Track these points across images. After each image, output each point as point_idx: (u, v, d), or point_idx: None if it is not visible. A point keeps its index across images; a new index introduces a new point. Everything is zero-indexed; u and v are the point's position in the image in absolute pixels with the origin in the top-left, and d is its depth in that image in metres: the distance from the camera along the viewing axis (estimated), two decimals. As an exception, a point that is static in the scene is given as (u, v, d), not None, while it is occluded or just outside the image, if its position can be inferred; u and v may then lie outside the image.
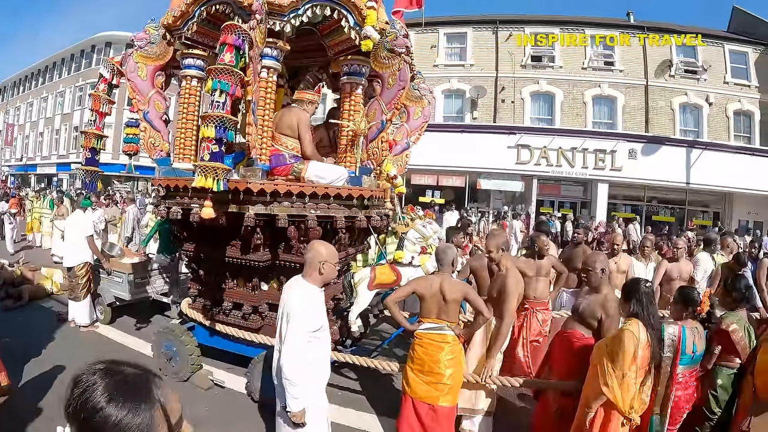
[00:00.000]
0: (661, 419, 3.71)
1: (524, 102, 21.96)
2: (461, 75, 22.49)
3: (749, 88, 22.78)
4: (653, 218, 21.76)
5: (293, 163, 5.04)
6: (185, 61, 5.25)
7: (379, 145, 5.44)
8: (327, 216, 4.90)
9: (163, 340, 5.46)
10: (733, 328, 3.93)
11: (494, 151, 20.53)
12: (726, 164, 20.65)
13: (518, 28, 22.60)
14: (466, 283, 4.46)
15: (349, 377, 5.67)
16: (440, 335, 4.03)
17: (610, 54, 22.36)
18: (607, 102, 22.11)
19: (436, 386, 3.97)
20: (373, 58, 5.04)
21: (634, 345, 3.27)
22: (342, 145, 5.57)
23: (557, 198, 22.18)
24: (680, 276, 6.77)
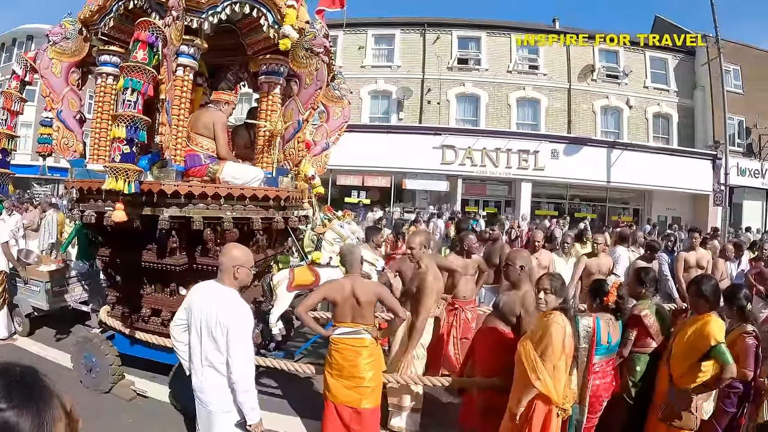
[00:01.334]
0: (580, 408, 3.81)
1: (450, 103, 22.54)
2: (388, 76, 22.88)
3: (668, 92, 24.26)
4: (575, 215, 22.36)
5: (209, 164, 5.00)
6: (101, 57, 5.12)
7: (296, 146, 5.45)
8: (244, 218, 4.86)
9: (82, 350, 5.29)
10: (645, 313, 4.14)
11: (420, 152, 20.94)
12: (645, 164, 21.94)
13: (446, 31, 23.25)
14: (379, 284, 4.47)
15: (274, 381, 5.65)
16: (357, 339, 4.03)
17: (534, 58, 23.29)
18: (531, 104, 23.01)
19: (358, 390, 3.98)
20: (292, 58, 5.03)
21: (563, 336, 3.38)
22: (259, 145, 5.58)
23: (482, 197, 22.77)
24: (600, 271, 7.03)
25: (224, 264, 3.16)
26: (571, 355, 3.50)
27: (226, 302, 3.06)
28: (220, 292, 3.13)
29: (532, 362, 3.41)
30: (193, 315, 3.15)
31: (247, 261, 3.20)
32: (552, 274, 3.95)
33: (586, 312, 4.11)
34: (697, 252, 7.84)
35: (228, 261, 3.15)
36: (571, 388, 3.56)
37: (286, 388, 5.52)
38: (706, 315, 3.71)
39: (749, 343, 3.80)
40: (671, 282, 7.76)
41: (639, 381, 4.15)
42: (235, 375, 2.96)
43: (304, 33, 4.88)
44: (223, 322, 2.97)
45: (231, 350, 2.96)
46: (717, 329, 3.57)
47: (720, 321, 3.69)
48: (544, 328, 3.44)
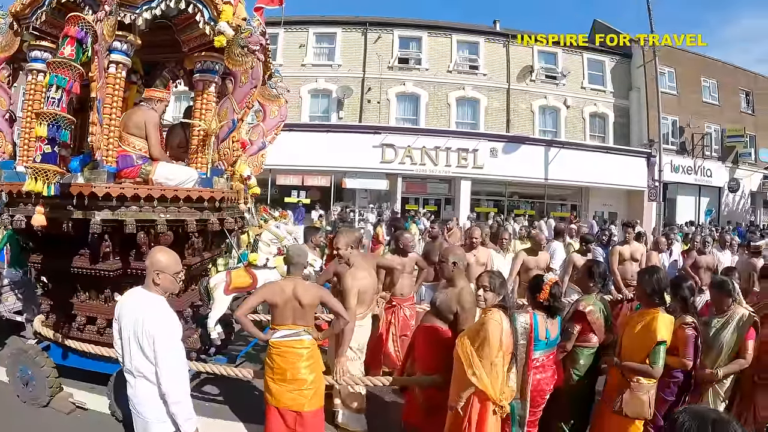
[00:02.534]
0: (522, 404, 3.91)
1: (390, 102, 23.02)
2: (329, 75, 23.08)
3: (605, 93, 25.44)
4: (515, 212, 23.37)
5: (141, 165, 4.89)
6: (32, 53, 4.96)
7: (231, 145, 5.45)
8: (178, 220, 4.78)
9: (17, 363, 5.08)
10: (589, 309, 4.25)
11: (360, 151, 21.28)
12: (582, 161, 22.93)
13: (387, 31, 23.65)
14: (321, 287, 4.50)
15: (215, 387, 5.60)
16: (298, 341, 4.05)
17: (475, 58, 24.01)
18: (471, 103, 23.76)
19: (301, 393, 4.00)
20: (227, 55, 4.97)
21: (500, 333, 3.48)
22: (193, 145, 5.46)
23: (422, 195, 23.35)
24: (537, 266, 7.23)
25: (148, 269, 3.09)
26: (509, 353, 3.60)
27: (151, 310, 2.98)
28: (146, 299, 3.05)
29: (469, 358, 3.50)
30: (122, 324, 3.06)
31: (169, 266, 3.08)
32: (492, 272, 4.02)
33: (524, 308, 4.25)
34: (631, 245, 8.13)
35: (150, 266, 3.07)
36: (509, 386, 3.65)
37: (227, 394, 5.48)
38: (654, 310, 3.94)
39: (689, 333, 3.99)
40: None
41: (583, 374, 4.27)
42: (165, 386, 2.89)
43: (240, 30, 4.83)
44: (149, 332, 2.89)
45: (158, 360, 2.88)
46: (663, 326, 3.81)
47: (667, 317, 3.91)
48: (482, 324, 3.54)
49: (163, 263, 3.06)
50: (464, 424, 3.57)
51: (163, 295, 3.09)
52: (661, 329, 3.81)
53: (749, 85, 29.68)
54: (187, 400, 2.98)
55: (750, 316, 4.21)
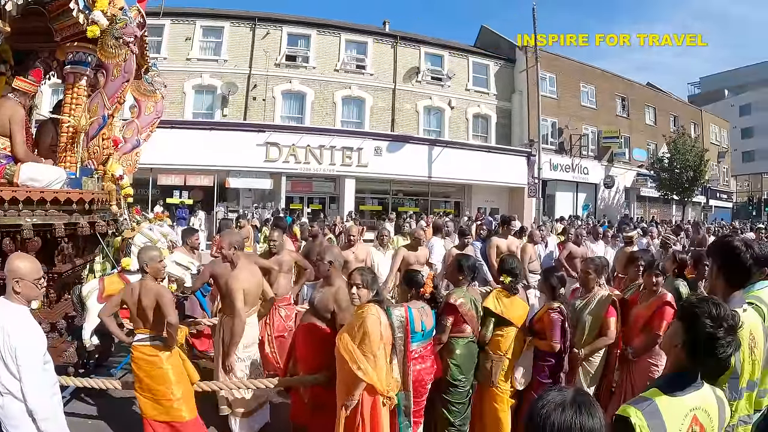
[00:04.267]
0: (405, 394, 4.06)
1: (276, 100, 23.39)
2: (214, 70, 23.01)
3: (488, 95, 27.42)
4: (399, 209, 24.35)
5: (5, 165, 4.65)
6: None
7: (101, 143, 5.29)
8: (45, 224, 4.58)
9: None
10: (460, 302, 4.42)
11: (243, 149, 21.25)
12: (465, 160, 24.43)
13: (276, 27, 23.86)
14: (162, 287, 4.30)
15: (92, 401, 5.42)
16: (152, 347, 4.02)
17: (362, 58, 24.95)
18: (357, 102, 24.68)
19: (170, 403, 3.99)
20: (100, 47, 4.81)
21: (379, 326, 3.62)
22: (62, 143, 5.21)
23: (307, 194, 23.71)
24: (417, 261, 7.42)
25: (7, 278, 2.97)
26: (389, 344, 3.76)
27: (12, 322, 2.86)
28: (6, 310, 2.92)
29: (351, 353, 3.58)
30: None
31: (29, 272, 2.96)
32: (362, 269, 4.06)
33: (398, 302, 4.46)
34: (507, 239, 8.57)
35: (8, 274, 2.95)
36: (393, 377, 3.81)
37: (105, 409, 5.27)
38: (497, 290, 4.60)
39: (554, 318, 4.33)
40: (485, 267, 8.32)
41: (462, 362, 4.46)
42: (31, 403, 2.80)
43: (115, 20, 4.69)
44: (11, 345, 2.78)
45: (22, 375, 2.78)
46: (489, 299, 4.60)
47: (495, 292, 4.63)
48: (360, 320, 3.65)
49: (21, 270, 2.95)
50: (357, 419, 3.66)
51: (25, 304, 3.00)
52: (487, 302, 4.54)
53: (625, 91, 32.89)
54: (57, 417, 2.93)
55: (608, 296, 4.62)
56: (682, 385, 2.00)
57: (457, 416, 4.46)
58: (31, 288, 2.98)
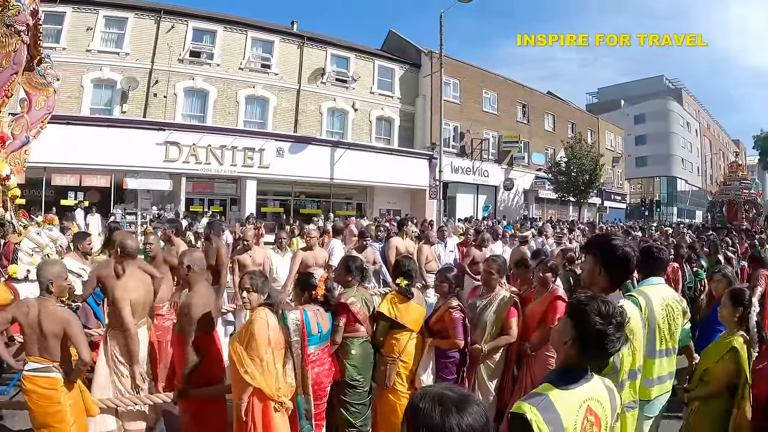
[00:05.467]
0: (305, 398, 4.14)
1: (177, 97, 23.18)
2: (115, 64, 22.21)
3: (392, 98, 28.86)
4: (301, 211, 25.12)
5: None
6: None
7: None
8: None
9: None
10: (351, 301, 4.55)
11: (142, 149, 20.59)
12: (368, 162, 25.61)
13: (182, 21, 23.47)
14: (69, 313, 4.00)
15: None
16: (47, 379, 3.63)
17: (268, 57, 25.38)
18: (260, 102, 25.18)
19: None
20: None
21: (266, 330, 3.69)
22: None
23: (208, 196, 23.60)
24: (316, 263, 7.55)
25: None
26: (279, 348, 3.81)
27: None
28: None
29: (239, 357, 3.62)
30: None
31: None
32: (252, 273, 4.10)
33: (294, 306, 4.47)
34: (405, 240, 9.02)
35: None
36: (287, 382, 3.87)
37: None
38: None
39: (456, 316, 4.52)
40: (384, 268, 8.64)
41: (359, 363, 4.55)
42: None
43: (7, 6, 4.54)
44: None
45: None
46: (384, 303, 4.76)
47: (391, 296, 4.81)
48: (249, 323, 3.72)
49: None
50: (249, 425, 3.68)
51: None
52: (381, 306, 4.71)
53: (526, 98, 35.53)
54: None
55: (510, 297, 4.82)
56: (573, 379, 2.10)
57: (357, 417, 4.55)
58: None
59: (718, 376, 3.77)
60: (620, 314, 2.15)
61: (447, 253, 9.93)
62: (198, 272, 4.27)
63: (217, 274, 6.86)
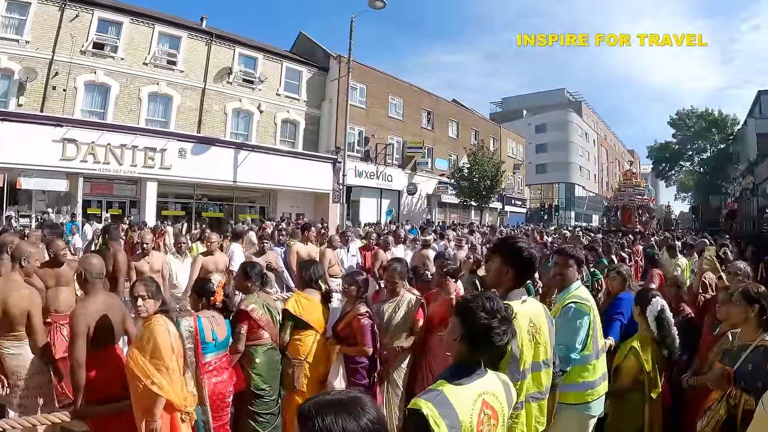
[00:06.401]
0: (202, 408, 4.06)
1: (77, 91, 22.29)
2: (14, 52, 20.92)
3: (298, 101, 29.79)
4: (203, 214, 25.25)
5: None
6: None
7: None
8: None
9: None
10: (251, 307, 4.58)
11: (38, 145, 19.70)
12: (272, 165, 26.30)
13: (87, 10, 22.44)
14: None
15: None
16: None
17: (174, 53, 25.18)
18: (164, 100, 24.97)
19: None
20: None
21: (168, 337, 3.64)
22: None
23: (107, 197, 22.96)
24: (217, 268, 7.72)
25: None
26: (181, 356, 3.77)
27: None
28: None
29: (143, 368, 3.49)
30: None
31: None
32: (145, 280, 4.12)
33: (186, 312, 4.49)
34: (307, 245, 9.26)
35: None
36: (189, 391, 3.83)
37: None
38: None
39: (365, 323, 4.63)
40: (287, 273, 8.80)
41: (263, 371, 4.58)
42: None
43: None
44: None
45: None
46: (289, 301, 4.92)
47: (295, 296, 5.02)
48: (149, 331, 3.60)
49: None
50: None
51: None
52: (287, 303, 4.87)
53: (431, 106, 37.56)
54: None
55: (417, 299, 5.12)
56: (466, 374, 2.23)
57: (266, 427, 4.56)
58: None
59: (627, 372, 4.17)
60: (505, 309, 2.31)
61: (350, 257, 10.22)
62: (92, 280, 4.11)
63: (114, 281, 6.71)
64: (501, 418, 2.26)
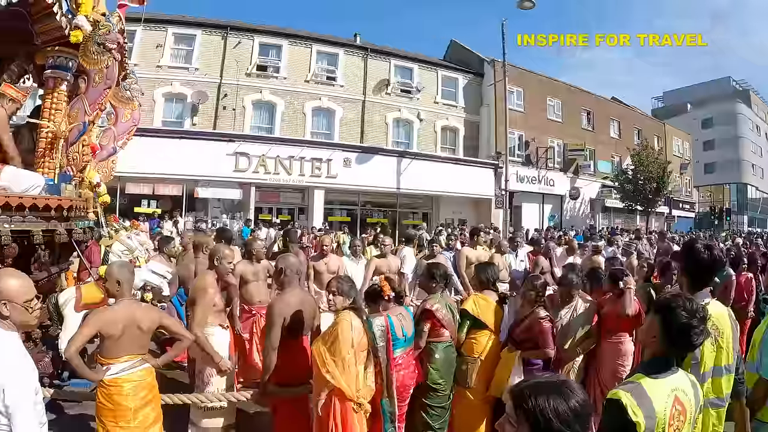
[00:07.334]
0: (389, 401, 4.17)
1: (246, 110, 23.64)
2: (185, 78, 23.01)
3: (456, 108, 28.34)
4: (367, 220, 25.30)
5: None
6: None
7: (81, 150, 5.30)
8: (23, 230, 4.47)
9: None
10: (436, 307, 4.64)
11: (213, 159, 21.27)
12: (433, 172, 25.21)
13: (248, 37, 24.09)
14: (158, 309, 4.33)
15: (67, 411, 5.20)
16: (142, 372, 3.78)
17: (333, 69, 25.48)
18: (326, 114, 25.19)
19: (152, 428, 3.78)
20: (82, 52, 4.79)
21: (350, 331, 3.77)
22: (40, 148, 5.14)
23: (276, 205, 24.08)
24: (390, 270, 7.63)
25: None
26: (361, 350, 3.86)
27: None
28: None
29: (322, 357, 3.71)
30: None
31: (20, 294, 2.55)
32: (340, 278, 4.24)
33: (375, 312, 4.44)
34: (476, 249, 8.98)
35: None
36: (367, 384, 3.91)
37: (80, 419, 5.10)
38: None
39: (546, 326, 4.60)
40: (455, 276, 8.43)
41: (441, 366, 4.63)
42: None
43: (98, 26, 4.67)
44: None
45: (12, 418, 2.37)
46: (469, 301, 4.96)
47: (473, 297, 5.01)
48: (335, 325, 3.81)
49: (10, 290, 2.54)
50: (330, 423, 3.76)
51: (14, 330, 2.57)
52: (466, 303, 4.92)
53: (590, 105, 34.18)
54: None
55: (592, 303, 5.16)
56: (662, 369, 2.28)
57: (436, 420, 4.67)
58: (22, 312, 2.55)
59: None
60: (702, 309, 2.34)
61: (518, 263, 9.86)
62: (290, 276, 4.34)
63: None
64: (689, 416, 2.27)
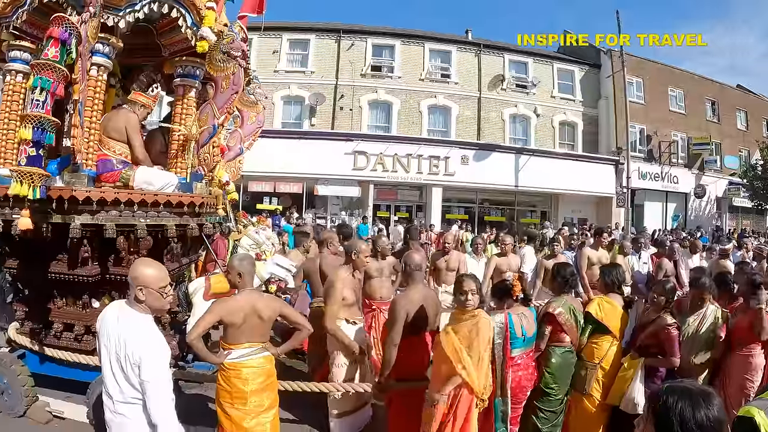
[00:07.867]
0: (503, 400, 4.16)
1: (362, 110, 23.73)
2: (301, 82, 23.63)
3: (573, 102, 26.63)
4: (485, 218, 24.50)
5: (122, 170, 4.89)
6: (11, 53, 4.89)
7: (211, 151, 5.58)
8: (157, 225, 4.80)
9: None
10: (558, 311, 4.51)
11: (332, 158, 21.76)
12: (551, 169, 23.90)
13: (361, 39, 24.30)
14: (278, 299, 4.39)
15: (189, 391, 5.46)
16: (257, 359, 3.84)
17: (447, 67, 24.86)
18: (442, 111, 24.62)
19: (266, 415, 3.83)
20: (208, 61, 5.03)
21: (489, 330, 3.76)
22: (173, 150, 5.49)
23: (393, 202, 23.99)
24: (509, 269, 7.62)
25: (130, 284, 2.84)
26: (490, 348, 3.84)
27: (136, 333, 2.73)
28: (130, 318, 2.80)
29: (457, 353, 3.62)
30: (101, 341, 2.84)
31: (155, 281, 2.82)
32: (474, 276, 4.07)
33: (498, 309, 4.48)
34: (598, 250, 8.58)
35: (133, 281, 2.81)
36: (488, 382, 3.87)
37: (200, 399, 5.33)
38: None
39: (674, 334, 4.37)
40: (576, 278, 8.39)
41: (556, 371, 4.53)
42: (155, 417, 2.69)
43: (222, 36, 4.90)
44: (133, 357, 2.67)
45: (147, 391, 2.66)
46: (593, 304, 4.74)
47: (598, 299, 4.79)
48: (475, 322, 3.71)
49: (147, 278, 2.81)
50: (448, 417, 3.71)
51: (149, 313, 2.86)
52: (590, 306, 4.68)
53: (714, 95, 31.16)
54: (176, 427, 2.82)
55: (724, 313, 4.81)
56: None
57: (545, 423, 4.55)
58: (157, 298, 2.84)
59: None
60: None
61: (641, 265, 9.44)
62: (413, 272, 4.34)
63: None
64: None
